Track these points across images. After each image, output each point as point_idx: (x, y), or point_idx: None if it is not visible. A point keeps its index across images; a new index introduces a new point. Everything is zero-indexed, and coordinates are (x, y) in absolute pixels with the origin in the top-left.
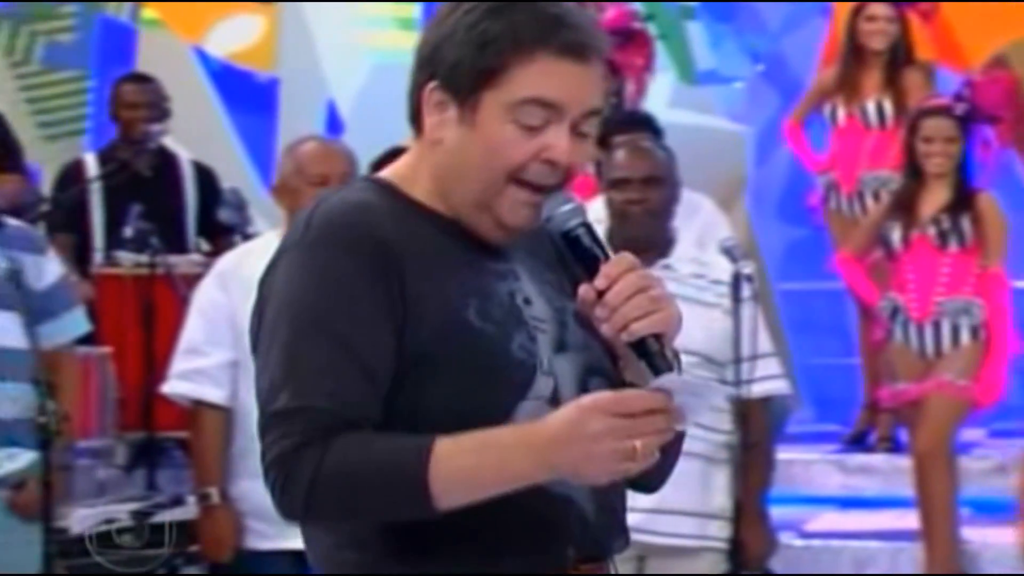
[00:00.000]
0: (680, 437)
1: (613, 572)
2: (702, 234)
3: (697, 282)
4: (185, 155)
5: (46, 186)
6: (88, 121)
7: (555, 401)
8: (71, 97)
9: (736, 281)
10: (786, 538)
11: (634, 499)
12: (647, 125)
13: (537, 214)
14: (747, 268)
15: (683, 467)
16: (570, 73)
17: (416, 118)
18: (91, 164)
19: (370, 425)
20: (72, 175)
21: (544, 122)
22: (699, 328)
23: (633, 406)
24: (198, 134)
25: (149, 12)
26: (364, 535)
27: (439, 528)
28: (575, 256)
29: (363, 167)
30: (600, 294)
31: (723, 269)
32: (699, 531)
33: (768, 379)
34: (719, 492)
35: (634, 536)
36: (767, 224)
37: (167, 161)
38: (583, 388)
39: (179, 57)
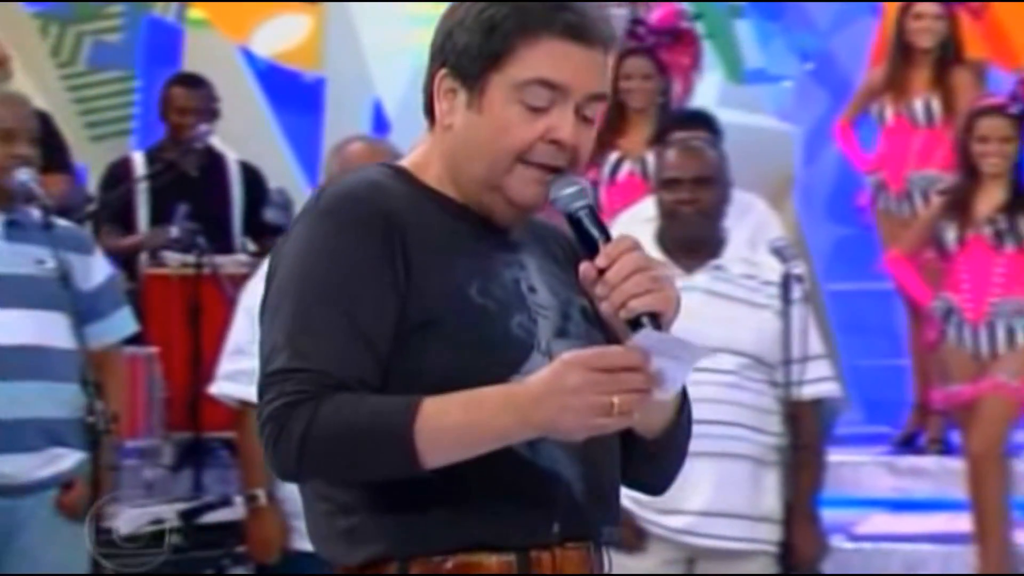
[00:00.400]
0: (681, 436)
1: (605, 558)
2: (754, 234)
3: (748, 283)
4: (232, 155)
5: (93, 186)
6: (134, 121)
7: None
8: (117, 97)
9: (786, 282)
10: (836, 541)
11: (683, 502)
12: (706, 123)
13: (545, 192)
14: (797, 269)
15: (733, 470)
16: (575, 56)
17: (429, 108)
18: (139, 163)
19: (366, 388)
20: (120, 173)
21: (549, 103)
22: (749, 329)
23: (612, 362)
24: (244, 134)
25: (196, 12)
26: (352, 502)
27: (424, 497)
28: (578, 237)
29: None
30: (601, 273)
31: (773, 270)
32: (749, 534)
33: (819, 381)
34: (769, 495)
35: (684, 539)
36: (815, 224)
37: (214, 161)
38: None
39: (225, 57)
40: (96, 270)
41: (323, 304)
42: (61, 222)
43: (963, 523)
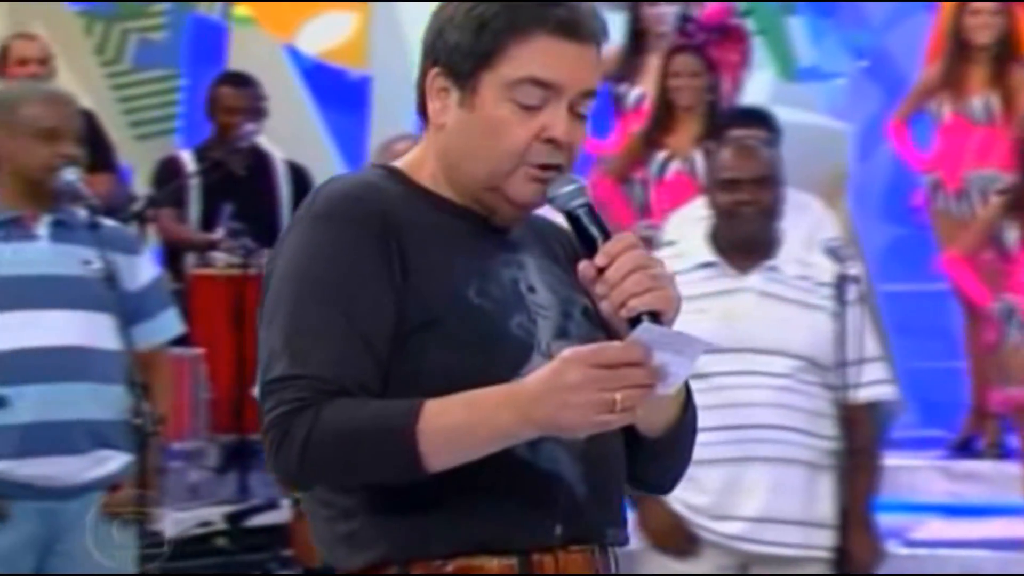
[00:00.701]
0: (686, 435)
1: (611, 560)
2: (810, 234)
3: (802, 284)
4: (279, 154)
5: (137, 186)
6: (179, 120)
7: None
8: (162, 96)
9: (841, 283)
10: (891, 547)
11: (737, 507)
12: (763, 121)
13: (543, 189)
14: (853, 269)
15: (787, 475)
16: (566, 53)
17: (422, 107)
18: (187, 161)
19: (366, 392)
20: (169, 171)
21: (542, 102)
22: (803, 331)
23: (612, 357)
24: (290, 133)
25: (241, 10)
26: (352, 507)
27: (423, 500)
28: (577, 235)
29: None
30: (600, 271)
31: (828, 271)
32: (805, 540)
33: (875, 384)
34: (824, 500)
35: (738, 545)
36: (869, 224)
37: (261, 160)
38: None
39: (271, 55)
40: (142, 271)
41: (320, 307)
42: (107, 222)
43: (1020, 528)
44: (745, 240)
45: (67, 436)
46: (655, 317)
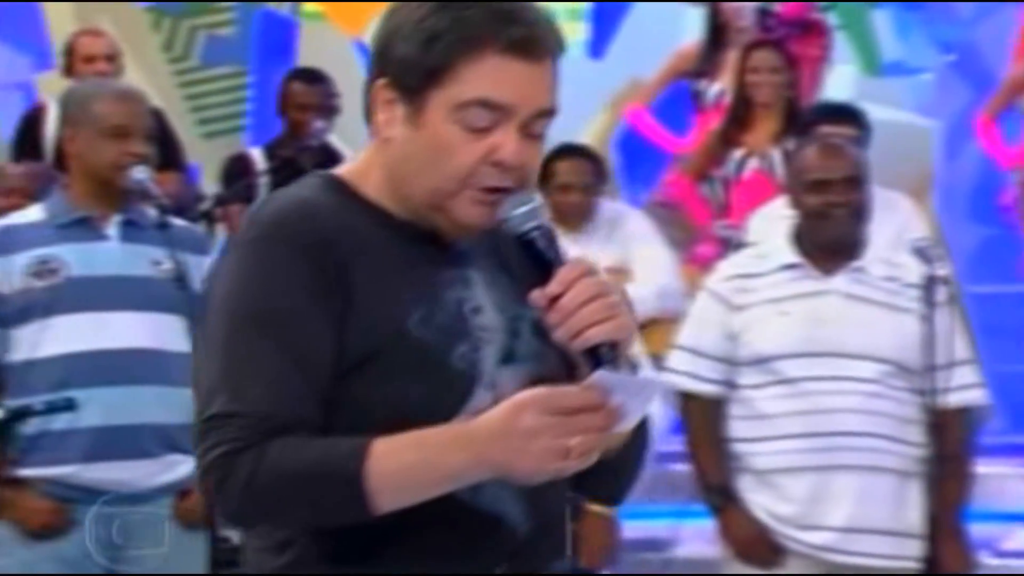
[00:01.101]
0: (639, 449)
1: None
2: (898, 234)
3: (889, 285)
4: (349, 152)
5: (205, 185)
6: (247, 118)
7: None
8: (230, 93)
9: (929, 284)
10: (981, 557)
11: (824, 517)
12: (853, 118)
13: (492, 212)
14: (941, 270)
15: (876, 483)
16: (519, 72)
17: (368, 114)
18: (258, 159)
19: (308, 427)
20: (238, 169)
21: (491, 123)
22: (891, 334)
23: (567, 403)
24: (360, 130)
25: (310, 5)
26: (284, 542)
27: (359, 543)
28: (530, 259)
29: None
30: (554, 300)
31: (915, 271)
32: (893, 551)
33: (965, 388)
34: (913, 509)
35: (825, 555)
36: (956, 223)
37: (331, 158)
38: None
39: (340, 51)
40: None
41: (257, 339)
42: (177, 221)
43: None
44: (833, 242)
45: (136, 440)
46: (612, 347)
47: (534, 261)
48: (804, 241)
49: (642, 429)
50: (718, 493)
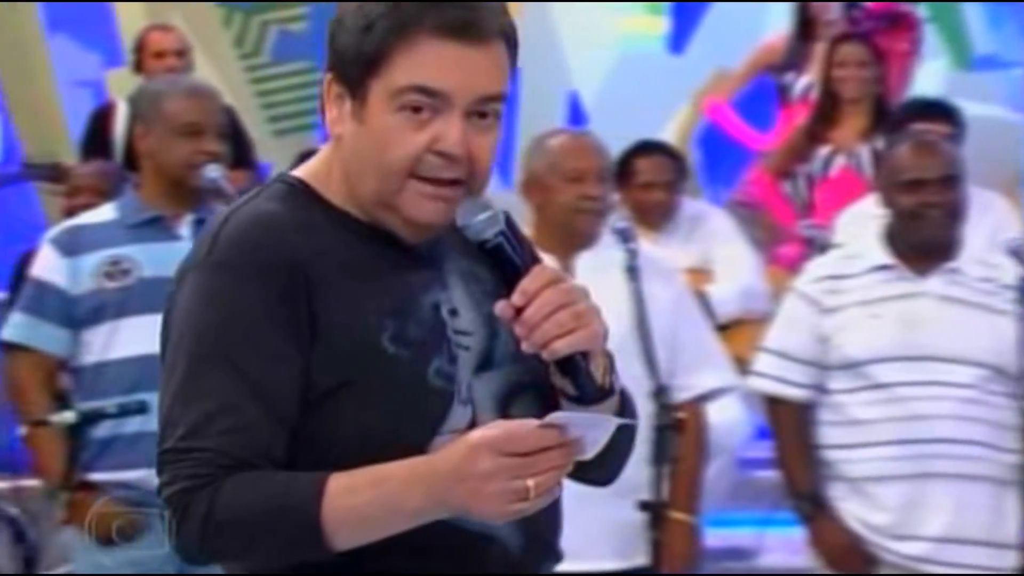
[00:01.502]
0: (624, 437)
1: None
2: (993, 234)
3: (984, 286)
4: None
5: None
6: (318, 115)
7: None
8: (301, 90)
9: None
10: None
11: (919, 527)
12: (947, 115)
13: (445, 208)
14: None
15: (972, 492)
16: (457, 57)
17: (322, 113)
18: None
19: (269, 462)
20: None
21: (432, 112)
22: (988, 337)
23: (523, 445)
24: None
25: None
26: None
27: (348, 565)
28: (494, 267)
29: None
30: (519, 311)
31: (1011, 272)
32: (990, 562)
33: None
34: (1011, 519)
35: (920, 567)
36: None
37: None
38: (503, 414)
39: None
40: None
41: (216, 372)
42: None
43: None
44: (928, 243)
45: None
46: (583, 356)
47: (499, 269)
48: (897, 242)
49: (626, 412)
50: (808, 500)
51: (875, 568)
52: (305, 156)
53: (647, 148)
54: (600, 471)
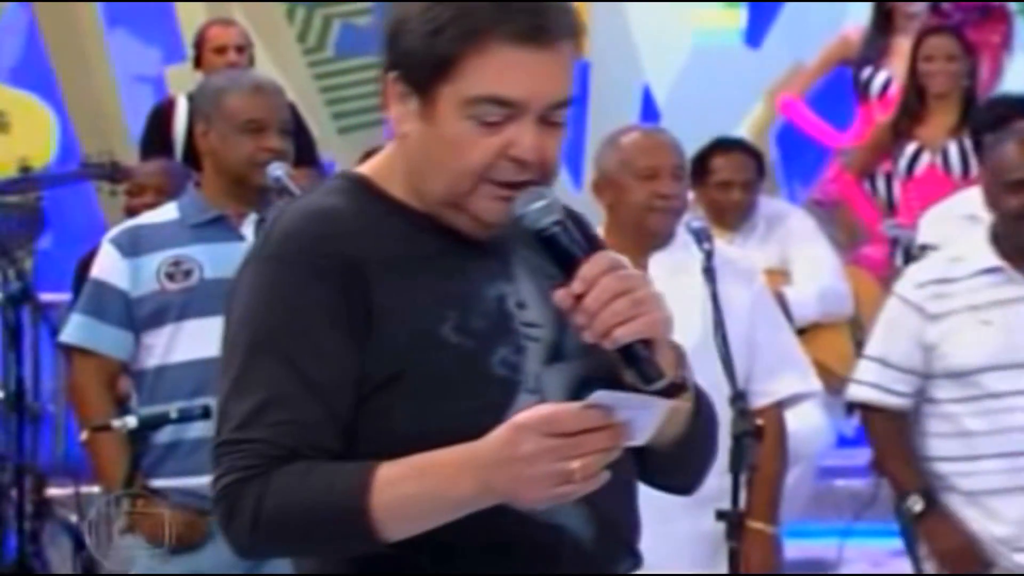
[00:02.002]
0: (704, 436)
1: None
2: None
3: None
4: None
5: None
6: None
7: None
8: (366, 86)
9: None
10: None
11: (999, 514)
12: None
13: (512, 208)
14: None
15: None
16: (529, 63)
17: (386, 108)
18: None
19: (321, 453)
20: None
21: (504, 119)
22: None
23: (567, 425)
24: None
25: None
26: (337, 562)
27: (415, 560)
28: (551, 257)
29: None
30: (578, 299)
31: None
32: None
33: None
34: None
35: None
36: None
37: None
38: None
39: None
40: None
41: (271, 364)
42: None
43: None
44: None
45: None
46: (645, 343)
47: (556, 259)
48: (1004, 244)
49: (702, 419)
50: (919, 495)
51: (992, 569)
52: (370, 154)
53: (725, 145)
54: (681, 477)
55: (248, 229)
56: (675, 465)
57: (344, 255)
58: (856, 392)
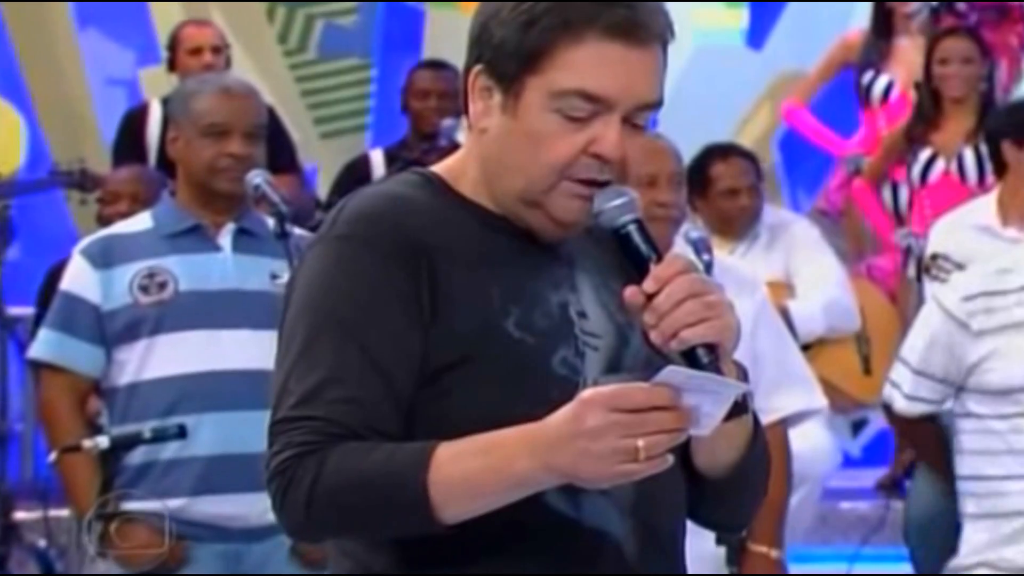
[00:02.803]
0: (755, 471)
1: None
2: None
3: None
4: None
5: (322, 189)
6: (370, 116)
7: None
8: (351, 89)
9: None
10: None
11: None
12: None
13: (589, 207)
14: None
15: None
16: (622, 61)
17: (465, 108)
18: (378, 163)
19: (380, 434)
20: (358, 174)
21: (590, 115)
22: None
23: (635, 401)
24: None
25: None
26: (375, 563)
27: (453, 560)
28: (626, 255)
29: None
30: (649, 298)
31: None
32: None
33: None
34: None
35: None
36: None
37: None
38: None
39: None
40: None
41: (335, 341)
42: (297, 231)
43: None
44: None
45: (251, 471)
46: (711, 349)
47: (630, 258)
48: None
49: (756, 451)
50: None
51: None
52: (351, 166)
53: (722, 151)
54: (730, 511)
55: (226, 239)
56: (726, 496)
57: (414, 240)
58: (903, 407)
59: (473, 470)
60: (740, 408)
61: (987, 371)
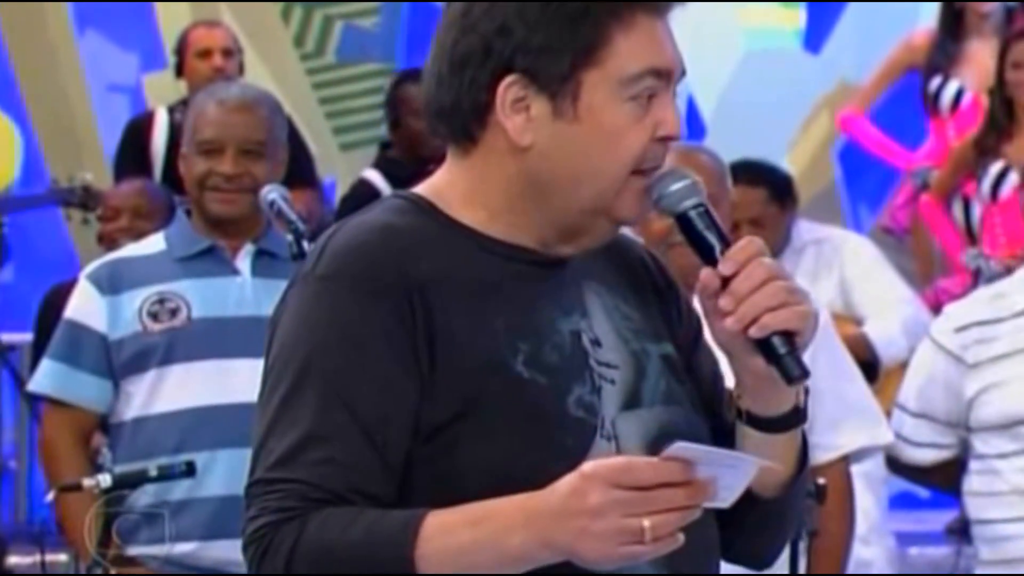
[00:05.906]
0: (799, 497)
1: None
2: None
3: None
4: None
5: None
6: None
7: None
8: (373, 96)
9: None
10: None
11: None
12: None
13: (648, 200)
14: None
15: None
16: (663, 32)
17: (465, 127)
18: (380, 184)
19: (366, 498)
20: (359, 197)
21: (651, 95)
22: None
23: (642, 477)
24: None
25: None
26: None
27: None
28: (690, 242)
29: None
30: (725, 282)
31: None
32: None
33: None
34: None
35: None
36: None
37: None
38: (652, 455)
39: None
40: None
41: (317, 397)
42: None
43: None
44: None
45: None
46: (789, 339)
47: (694, 243)
48: None
49: (803, 475)
50: None
51: None
52: (356, 189)
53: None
54: (766, 542)
55: (244, 262)
56: (769, 522)
57: (405, 275)
58: (913, 456)
59: (464, 544)
60: (800, 416)
61: (984, 404)
